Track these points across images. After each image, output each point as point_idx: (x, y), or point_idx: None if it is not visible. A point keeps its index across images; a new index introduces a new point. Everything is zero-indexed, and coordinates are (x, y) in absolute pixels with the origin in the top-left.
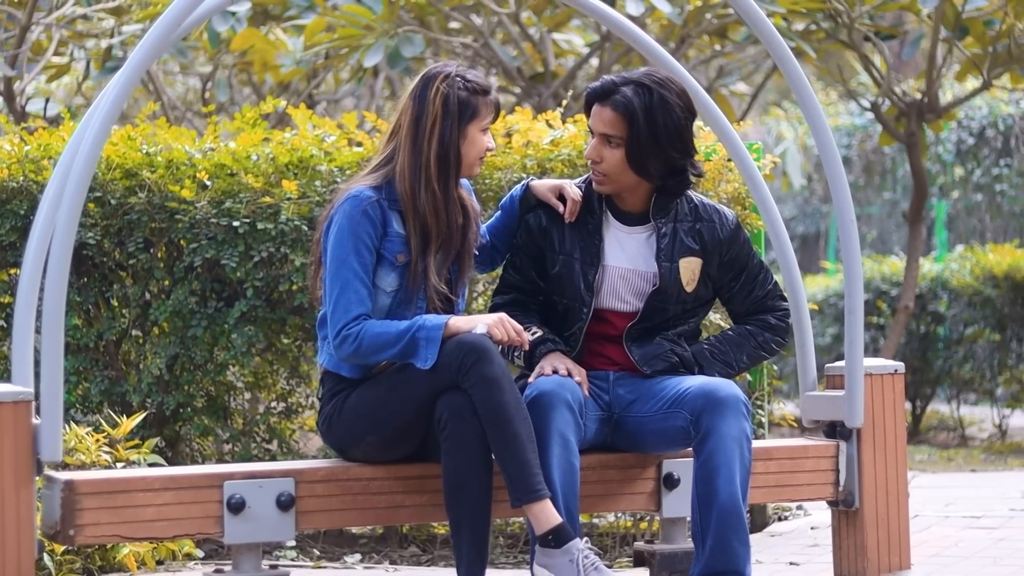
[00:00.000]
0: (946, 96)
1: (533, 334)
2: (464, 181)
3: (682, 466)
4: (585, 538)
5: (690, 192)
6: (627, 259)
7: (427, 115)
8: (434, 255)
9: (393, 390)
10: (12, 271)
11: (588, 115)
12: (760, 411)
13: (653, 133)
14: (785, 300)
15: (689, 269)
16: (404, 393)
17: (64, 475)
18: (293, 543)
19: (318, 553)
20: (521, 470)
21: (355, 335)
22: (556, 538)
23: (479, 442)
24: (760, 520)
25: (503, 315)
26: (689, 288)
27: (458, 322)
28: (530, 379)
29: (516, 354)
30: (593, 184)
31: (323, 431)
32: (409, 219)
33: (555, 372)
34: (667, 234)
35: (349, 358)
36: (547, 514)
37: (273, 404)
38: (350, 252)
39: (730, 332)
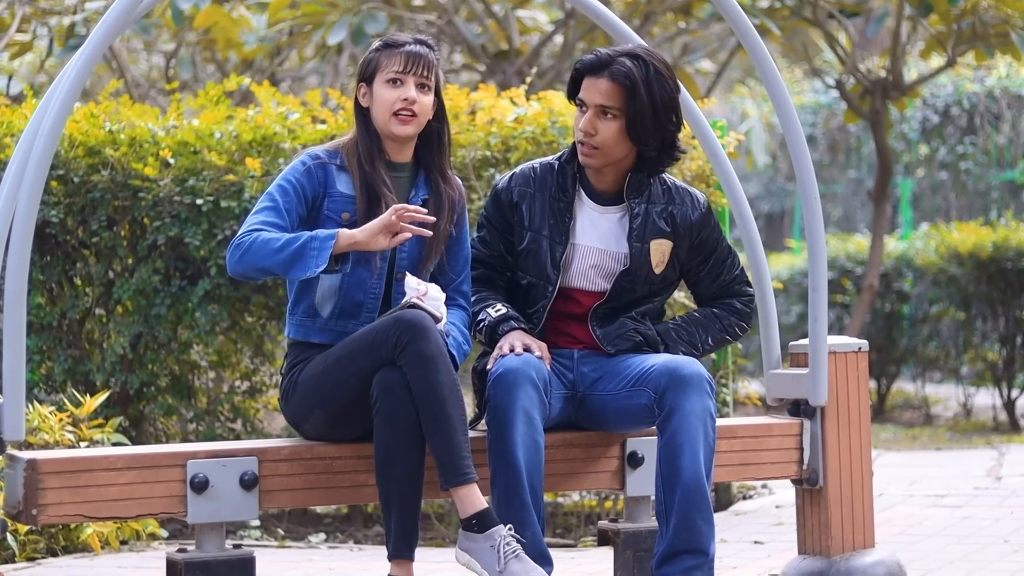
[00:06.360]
0: (911, 74)
1: (497, 311)
2: (454, 179)
3: (646, 444)
4: (509, 526)
5: (663, 174)
6: (598, 238)
7: None
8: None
9: (336, 363)
10: None
11: (575, 90)
12: (725, 390)
13: (652, 104)
14: (750, 286)
15: (659, 251)
16: (345, 366)
17: (27, 454)
18: (257, 522)
19: (282, 533)
20: (450, 452)
21: (247, 242)
22: (480, 523)
23: (409, 419)
24: (725, 499)
25: (397, 208)
26: (658, 270)
27: (354, 234)
28: (491, 359)
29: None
30: (581, 158)
31: (282, 407)
32: (355, 180)
33: (512, 351)
34: (640, 215)
35: (235, 266)
36: (472, 498)
37: (237, 383)
38: (276, 188)
39: (696, 314)
